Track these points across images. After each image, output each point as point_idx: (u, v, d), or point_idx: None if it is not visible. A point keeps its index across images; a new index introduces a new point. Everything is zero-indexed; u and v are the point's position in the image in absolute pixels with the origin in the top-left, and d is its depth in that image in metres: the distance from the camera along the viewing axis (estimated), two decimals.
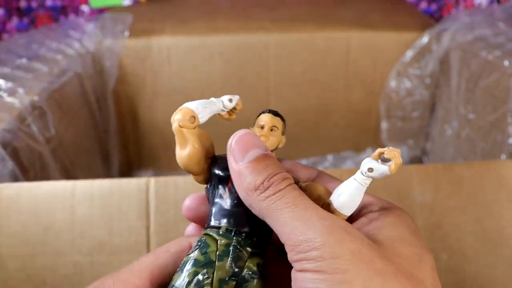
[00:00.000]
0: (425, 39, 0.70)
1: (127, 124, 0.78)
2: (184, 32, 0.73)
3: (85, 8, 0.93)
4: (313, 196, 0.21)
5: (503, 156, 0.56)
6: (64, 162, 0.58)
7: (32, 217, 0.36)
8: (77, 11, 0.93)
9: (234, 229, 0.20)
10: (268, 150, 0.20)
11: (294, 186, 0.19)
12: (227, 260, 0.19)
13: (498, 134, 0.57)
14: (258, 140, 0.20)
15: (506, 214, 0.37)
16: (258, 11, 0.80)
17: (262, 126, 0.23)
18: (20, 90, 0.53)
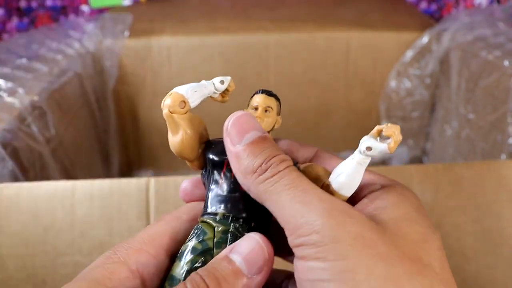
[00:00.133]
0: (425, 39, 0.70)
1: (127, 124, 0.78)
2: (184, 32, 0.73)
3: (85, 8, 0.93)
4: (312, 177, 0.20)
5: (503, 156, 0.56)
6: (64, 162, 0.58)
7: (32, 217, 0.36)
8: (77, 11, 0.93)
9: (231, 215, 0.20)
10: (266, 132, 0.19)
11: (293, 168, 0.18)
12: (225, 247, 0.19)
13: (498, 134, 0.57)
14: (256, 122, 0.19)
15: (506, 214, 0.37)
16: (258, 11, 0.80)
17: (256, 107, 0.22)
18: (20, 90, 0.53)
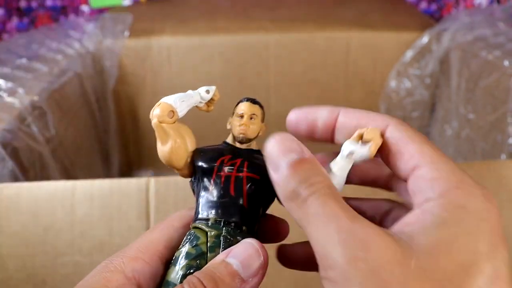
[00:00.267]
0: (425, 39, 0.70)
1: (127, 124, 0.78)
2: (184, 32, 0.73)
3: (85, 8, 0.93)
4: None
5: (503, 156, 0.56)
6: (64, 162, 0.58)
7: (32, 217, 0.36)
8: (77, 11, 0.93)
9: (223, 220, 0.20)
10: (305, 153, 0.19)
11: (321, 193, 0.17)
12: (219, 251, 0.19)
13: (498, 134, 0.57)
14: (293, 144, 0.19)
15: (506, 214, 0.37)
16: (258, 11, 0.80)
17: (241, 115, 0.23)
18: (20, 90, 0.53)
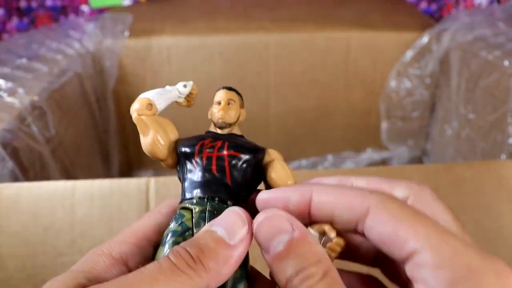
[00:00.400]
0: (425, 39, 0.70)
1: (127, 124, 0.78)
2: (184, 32, 0.73)
3: (85, 8, 0.93)
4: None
5: (503, 156, 0.56)
6: (64, 162, 0.58)
7: (32, 217, 0.36)
8: (77, 11, 0.93)
9: (207, 196, 0.20)
10: (298, 228, 0.18)
11: (325, 282, 0.17)
12: (204, 225, 0.19)
13: (498, 134, 0.57)
14: (282, 222, 0.18)
15: (506, 214, 0.37)
16: (258, 11, 0.80)
17: (219, 102, 0.23)
18: (20, 90, 0.53)
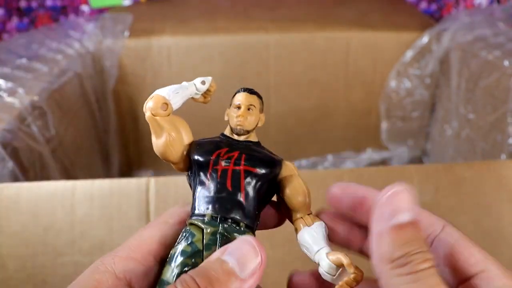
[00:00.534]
0: (425, 39, 0.70)
1: (127, 124, 0.78)
2: (184, 32, 0.73)
3: (85, 8, 0.93)
4: None
5: (503, 156, 0.56)
6: (64, 162, 0.58)
7: (32, 217, 0.36)
8: (77, 11, 0.93)
9: (219, 216, 0.19)
10: (417, 215, 0.18)
11: (433, 271, 0.17)
12: (215, 249, 0.18)
13: (498, 134, 0.57)
14: (411, 203, 0.18)
15: (506, 214, 0.37)
16: (258, 11, 0.80)
17: (239, 106, 0.22)
18: (20, 90, 0.53)
